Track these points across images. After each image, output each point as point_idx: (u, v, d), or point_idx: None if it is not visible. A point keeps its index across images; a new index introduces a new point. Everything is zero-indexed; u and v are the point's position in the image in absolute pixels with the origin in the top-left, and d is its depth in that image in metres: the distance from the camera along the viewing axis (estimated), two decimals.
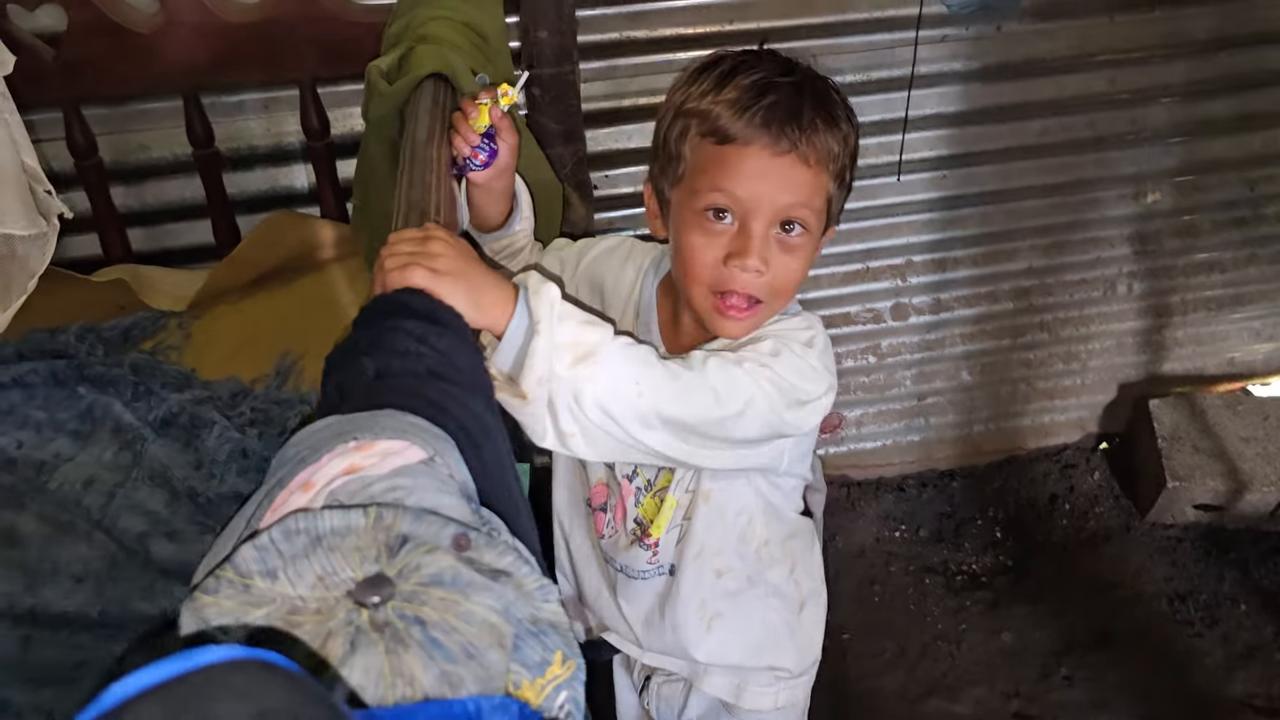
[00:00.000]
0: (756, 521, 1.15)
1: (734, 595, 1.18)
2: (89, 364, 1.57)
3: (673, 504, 1.14)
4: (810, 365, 1.00)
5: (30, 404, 1.53)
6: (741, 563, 1.17)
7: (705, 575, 1.16)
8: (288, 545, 0.49)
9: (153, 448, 1.45)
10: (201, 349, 1.64)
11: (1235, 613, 2.07)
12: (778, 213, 0.97)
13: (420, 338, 0.68)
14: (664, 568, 1.19)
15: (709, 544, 1.14)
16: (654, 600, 1.20)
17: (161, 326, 1.68)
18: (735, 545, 1.15)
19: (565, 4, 1.70)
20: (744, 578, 1.18)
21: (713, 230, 0.99)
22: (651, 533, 1.16)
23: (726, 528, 1.14)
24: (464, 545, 0.52)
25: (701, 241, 0.99)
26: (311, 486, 0.58)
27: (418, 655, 0.46)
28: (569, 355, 0.82)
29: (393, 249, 0.79)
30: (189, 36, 1.59)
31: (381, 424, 0.61)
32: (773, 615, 1.23)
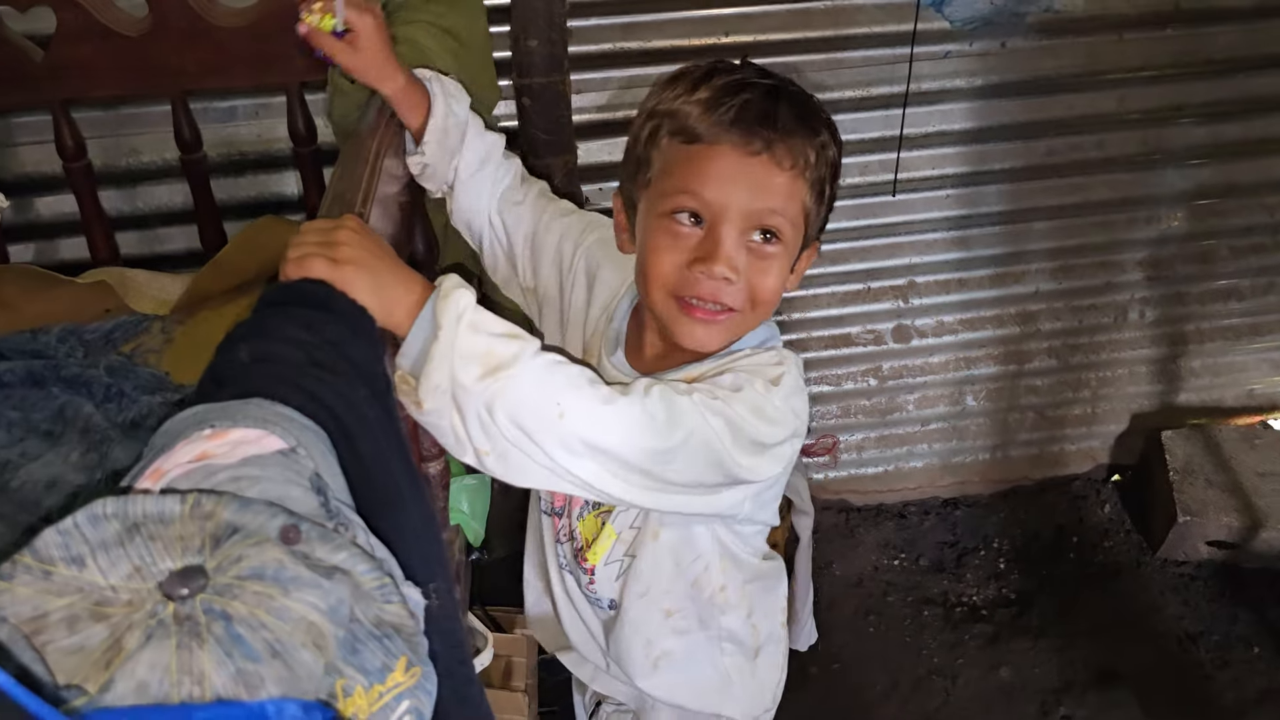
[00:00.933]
0: (713, 568, 1.09)
1: (683, 634, 1.12)
2: (66, 365, 1.56)
3: (611, 535, 1.08)
4: (773, 405, 0.91)
5: (5, 403, 1.52)
6: (693, 604, 1.11)
7: (652, 614, 1.10)
8: (94, 531, 0.46)
9: (117, 450, 1.43)
10: (182, 353, 1.63)
11: (1248, 655, 1.99)
12: (749, 217, 0.91)
13: (306, 325, 0.65)
14: (602, 601, 1.13)
15: (656, 584, 1.08)
16: (597, 627, 1.16)
17: (144, 330, 1.67)
18: (687, 589, 1.09)
19: (556, 13, 1.68)
20: (694, 618, 1.12)
21: (679, 233, 0.93)
22: (588, 558, 1.11)
23: (679, 571, 1.08)
24: (293, 539, 0.48)
25: (666, 243, 0.93)
26: (160, 474, 0.55)
27: (212, 652, 0.43)
28: (478, 367, 0.76)
29: (299, 238, 0.76)
30: (177, 40, 1.59)
31: (244, 412, 0.58)
32: (725, 659, 1.16)
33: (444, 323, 0.75)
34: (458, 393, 0.76)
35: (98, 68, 1.59)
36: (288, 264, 0.74)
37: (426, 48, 1.33)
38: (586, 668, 1.23)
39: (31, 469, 1.41)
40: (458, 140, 1.11)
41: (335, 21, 1.01)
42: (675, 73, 1.00)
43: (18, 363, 1.58)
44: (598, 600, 1.13)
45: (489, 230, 1.19)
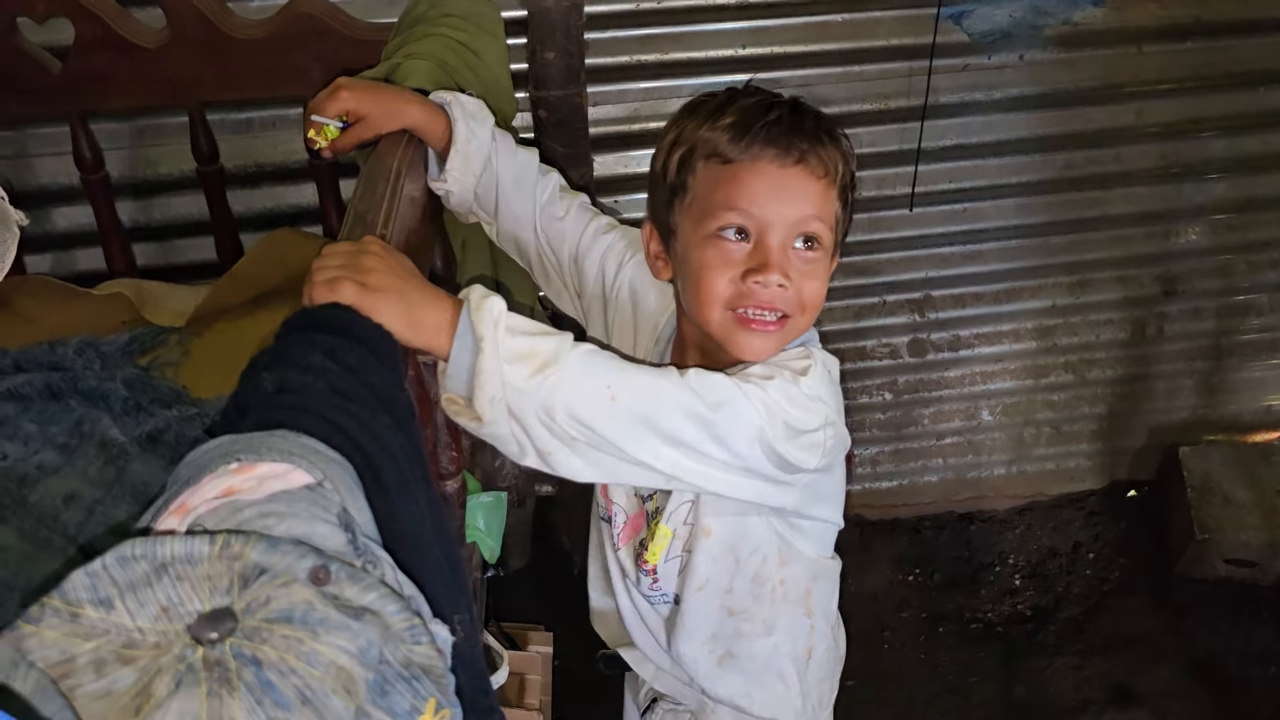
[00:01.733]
0: (771, 560, 1.09)
1: (746, 636, 1.13)
2: (84, 377, 1.56)
3: (667, 534, 1.09)
4: (803, 394, 0.94)
5: (24, 416, 1.52)
6: (755, 604, 1.11)
7: (713, 611, 1.10)
8: (122, 572, 0.46)
9: (135, 464, 1.43)
10: (199, 366, 1.63)
11: (1265, 675, 1.97)
12: (794, 225, 0.95)
13: (328, 352, 0.64)
14: (668, 596, 1.14)
15: (715, 579, 1.09)
16: (659, 626, 1.16)
17: (161, 342, 1.67)
18: (748, 586, 1.09)
19: (574, 26, 1.68)
20: (758, 620, 1.12)
21: (728, 250, 0.95)
22: (648, 559, 1.12)
23: (738, 565, 1.08)
24: (323, 579, 0.48)
25: (718, 261, 0.96)
26: (186, 509, 0.55)
27: (243, 700, 0.42)
28: (526, 367, 0.78)
29: (324, 261, 0.76)
30: (194, 52, 1.59)
31: (269, 445, 0.57)
32: (785, 664, 1.17)
33: (484, 333, 0.76)
34: (513, 398, 0.78)
35: (115, 79, 1.59)
36: (314, 288, 0.74)
37: (446, 63, 1.33)
38: (649, 666, 1.23)
39: (49, 482, 1.41)
40: (480, 164, 1.12)
41: (333, 125, 1.04)
42: (691, 103, 1.03)
43: (35, 375, 1.58)
44: (663, 596, 1.14)
45: (534, 247, 1.21)
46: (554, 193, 1.21)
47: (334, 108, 1.04)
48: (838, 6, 1.79)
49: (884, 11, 1.81)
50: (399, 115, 1.06)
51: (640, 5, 1.74)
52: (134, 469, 1.44)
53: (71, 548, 1.33)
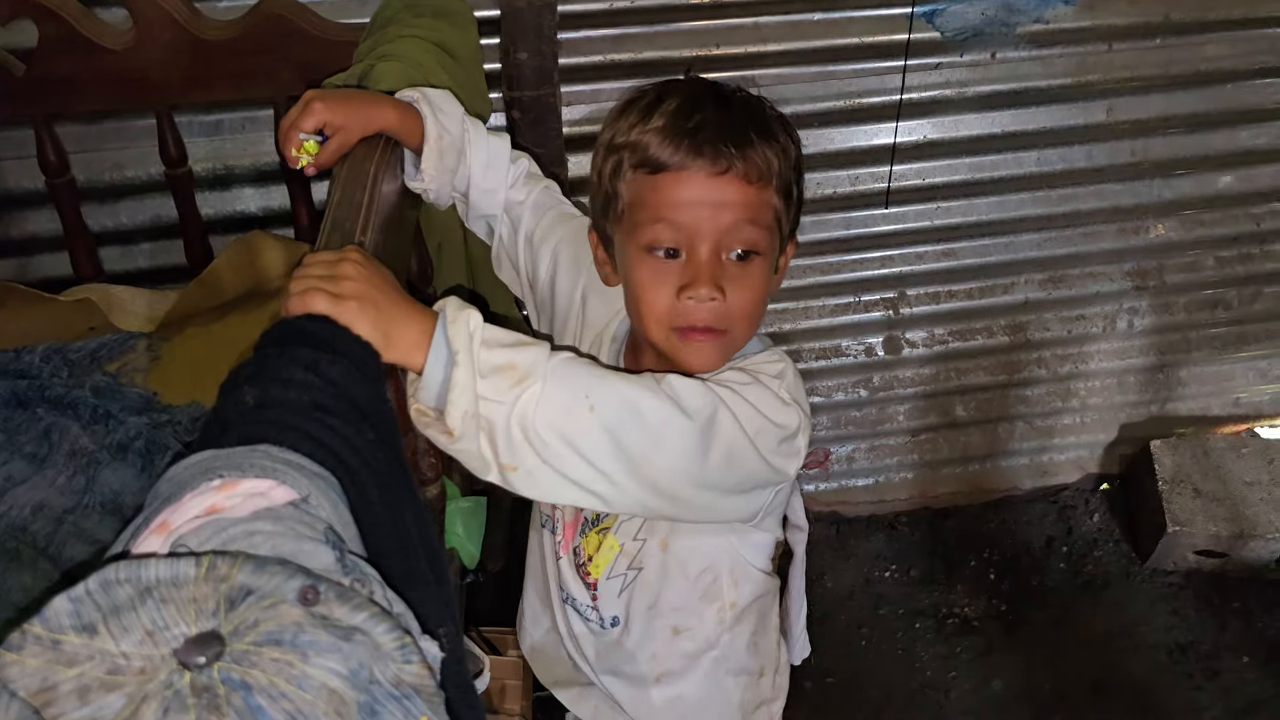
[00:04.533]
0: (723, 580, 1.08)
1: (689, 656, 1.12)
2: (51, 385, 1.54)
3: (614, 547, 1.07)
4: (780, 398, 0.93)
5: None
6: (701, 623, 1.10)
7: (660, 631, 1.09)
8: (106, 597, 0.45)
9: (105, 473, 1.41)
10: (168, 372, 1.61)
11: (1237, 665, 1.99)
12: (724, 234, 0.92)
13: (310, 365, 0.63)
14: (606, 620, 1.12)
15: (666, 598, 1.07)
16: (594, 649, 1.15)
17: (129, 348, 1.65)
18: (697, 605, 1.09)
19: (547, 25, 1.67)
20: (702, 638, 1.11)
21: (659, 268, 0.94)
22: (590, 571, 1.10)
23: (690, 584, 1.07)
24: (312, 599, 0.47)
25: (651, 278, 0.94)
26: (168, 528, 0.54)
27: None
28: (503, 380, 0.76)
29: (303, 271, 0.75)
30: (161, 53, 1.57)
31: (252, 461, 0.56)
32: (729, 681, 1.16)
33: (459, 347, 0.74)
34: (488, 411, 0.76)
35: (80, 81, 1.57)
36: (290, 299, 0.72)
37: (420, 63, 1.31)
38: (587, 705, 1.21)
39: (17, 493, 1.39)
40: (455, 157, 1.11)
41: (311, 140, 1.03)
42: (625, 101, 1.00)
43: (1, 383, 1.55)
44: (600, 620, 1.12)
45: (498, 229, 1.19)
46: (520, 178, 1.20)
47: (310, 122, 1.02)
48: (811, 5, 1.79)
49: (857, 11, 1.81)
50: (374, 119, 1.05)
51: (614, 4, 1.73)
52: (104, 478, 1.42)
53: (41, 559, 1.31)
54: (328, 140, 1.03)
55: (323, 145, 1.02)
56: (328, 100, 1.03)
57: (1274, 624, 2.06)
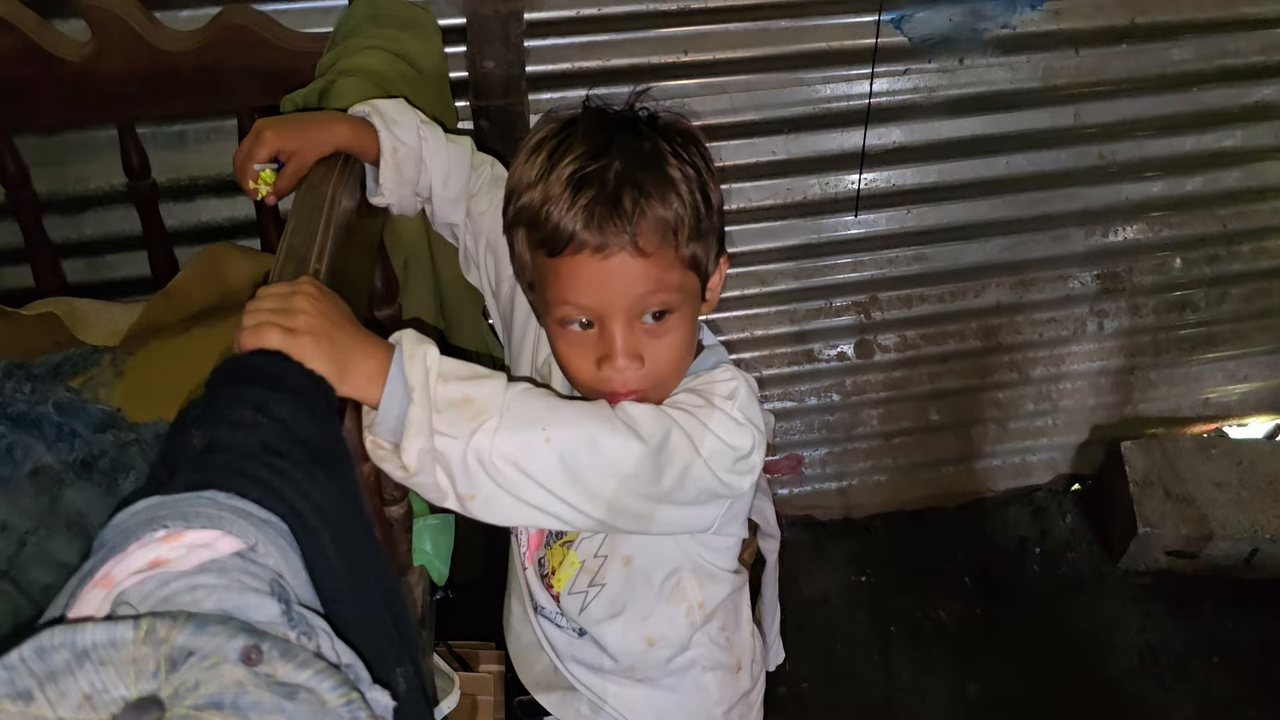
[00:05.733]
0: (687, 582, 1.08)
1: (666, 662, 1.12)
2: (12, 402, 1.51)
3: (575, 563, 1.07)
4: (734, 414, 0.93)
5: None
6: (671, 628, 1.10)
7: (632, 642, 1.09)
8: (41, 663, 0.44)
9: (70, 493, 1.39)
10: (133, 387, 1.59)
11: (1208, 665, 2.02)
12: (632, 307, 0.91)
13: (259, 405, 0.62)
14: (574, 628, 1.13)
15: (632, 608, 1.08)
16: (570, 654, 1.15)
17: (93, 363, 1.62)
18: (666, 609, 1.09)
19: (514, 33, 1.66)
20: (676, 643, 1.11)
21: (576, 339, 0.94)
22: (553, 584, 1.10)
23: (656, 591, 1.07)
24: (255, 659, 0.46)
25: (569, 351, 0.94)
26: (111, 582, 0.53)
27: None
28: (458, 415, 0.76)
29: (255, 304, 0.73)
30: (122, 65, 1.54)
31: (197, 510, 0.55)
32: (707, 678, 1.17)
33: (415, 384, 0.74)
34: (443, 446, 0.75)
35: (39, 94, 1.54)
36: (242, 333, 0.71)
37: (382, 74, 1.30)
38: (569, 709, 1.21)
39: None
40: (414, 167, 1.10)
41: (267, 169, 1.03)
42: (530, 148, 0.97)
43: None
44: (572, 628, 1.12)
45: (462, 236, 1.19)
46: (484, 185, 1.19)
47: (263, 152, 1.00)
48: (779, 12, 1.78)
49: (825, 18, 1.81)
50: (328, 139, 1.03)
51: (580, 12, 1.72)
52: (68, 497, 1.40)
53: (3, 581, 1.29)
54: (284, 167, 1.01)
55: (279, 172, 1.01)
56: (277, 127, 1.01)
57: (1243, 624, 2.08)
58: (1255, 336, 2.32)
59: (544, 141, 0.95)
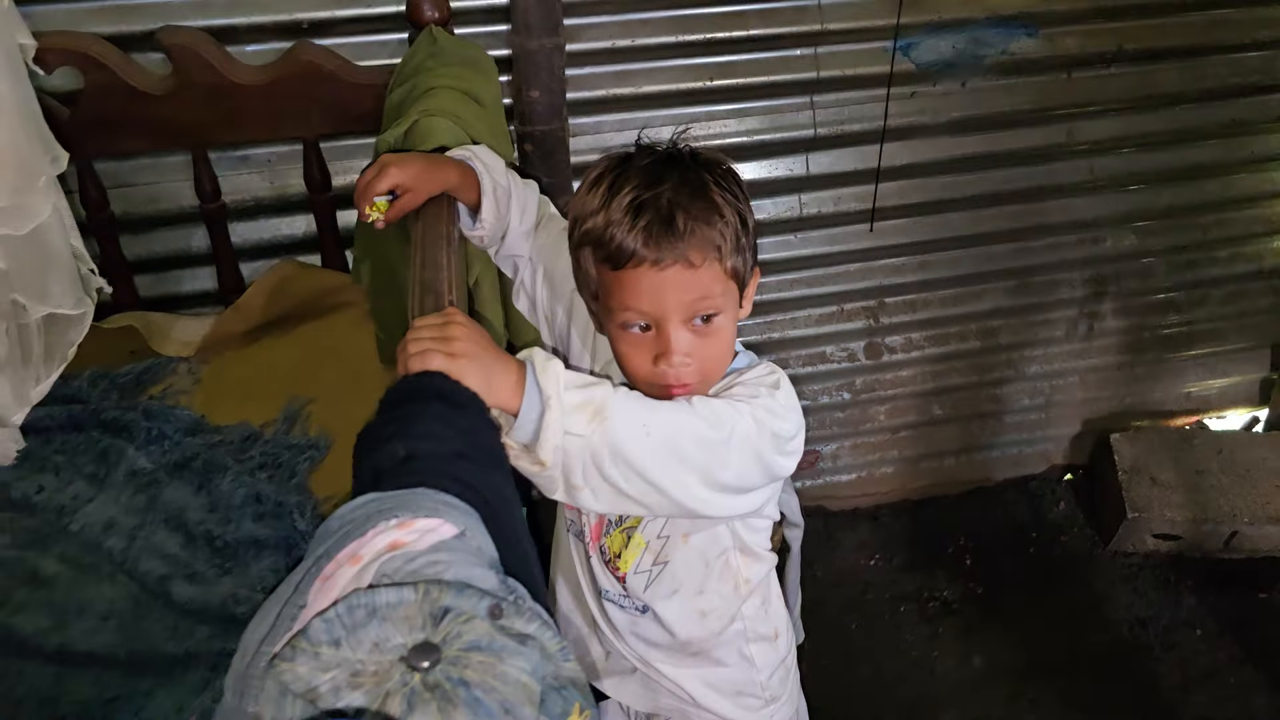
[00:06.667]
0: (734, 561, 1.23)
1: (716, 634, 1.27)
2: (103, 409, 1.64)
3: (641, 544, 1.21)
4: (780, 403, 1.07)
5: (48, 448, 1.60)
6: (723, 602, 1.25)
7: (688, 614, 1.24)
8: (350, 618, 0.58)
9: (167, 491, 1.52)
10: (210, 394, 1.72)
11: (1191, 637, 2.18)
12: (684, 310, 1.05)
13: (445, 420, 0.77)
14: (638, 605, 1.27)
15: (688, 584, 1.22)
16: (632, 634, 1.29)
17: (171, 371, 1.75)
18: (717, 586, 1.23)
19: (556, 65, 1.80)
20: (726, 616, 1.26)
21: (636, 340, 1.07)
22: (620, 566, 1.24)
23: (708, 569, 1.22)
24: (498, 614, 0.61)
25: (630, 351, 1.08)
26: (359, 560, 0.67)
27: (465, 713, 0.55)
28: (583, 416, 0.90)
29: (415, 334, 0.87)
30: (199, 98, 1.66)
31: (418, 503, 0.69)
32: (753, 649, 1.32)
33: (550, 391, 0.88)
34: (570, 444, 0.89)
35: (123, 125, 1.66)
36: (410, 358, 0.85)
37: (460, 116, 1.44)
38: (627, 690, 1.36)
39: (87, 511, 1.50)
40: (505, 206, 1.24)
41: (383, 200, 1.15)
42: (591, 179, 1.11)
43: (55, 408, 1.64)
44: (634, 606, 1.26)
45: (522, 269, 1.32)
46: (544, 221, 1.32)
47: (384, 185, 1.14)
48: (796, 42, 1.93)
49: (838, 46, 1.96)
50: (438, 180, 1.17)
51: (615, 43, 1.86)
52: (166, 496, 1.53)
53: (119, 573, 1.42)
54: (397, 199, 1.15)
55: (392, 204, 1.15)
56: (399, 165, 1.15)
57: (1224, 600, 2.25)
58: (1233, 335, 2.49)
59: (603, 175, 1.10)
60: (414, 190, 1.15)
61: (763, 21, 1.90)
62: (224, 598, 1.35)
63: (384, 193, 1.14)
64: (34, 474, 1.55)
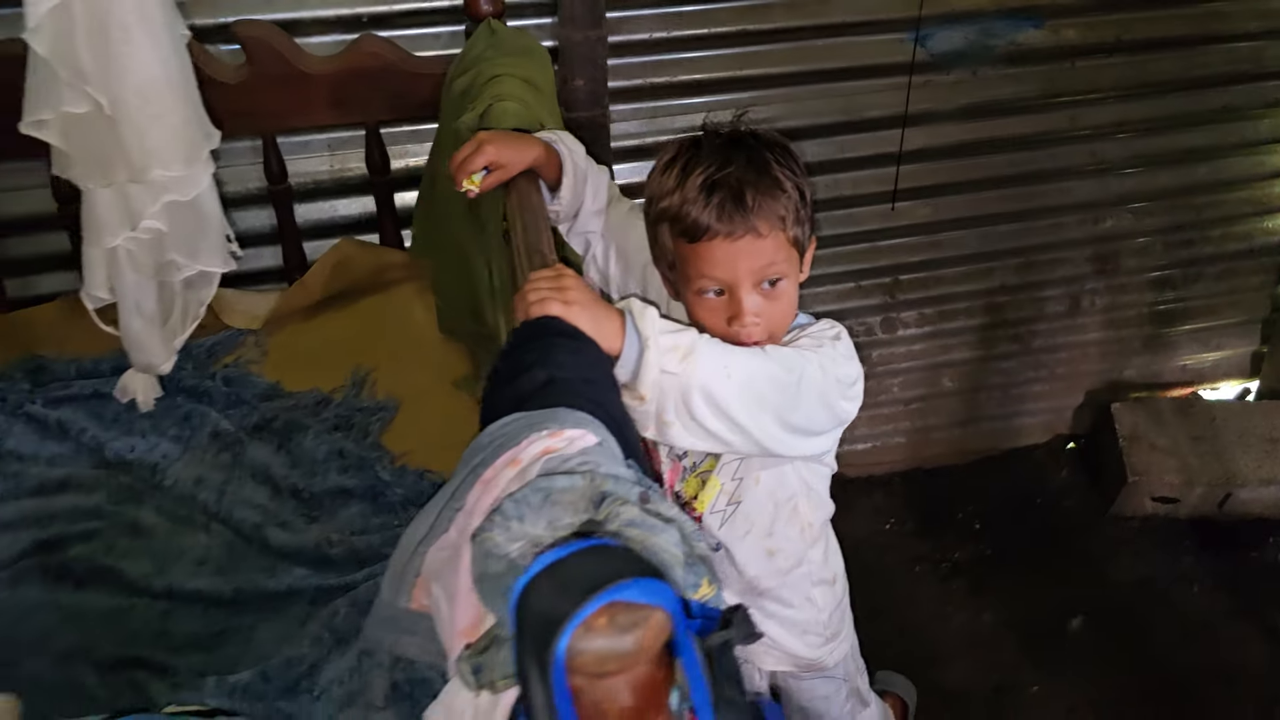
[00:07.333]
0: (801, 505, 1.36)
1: (783, 573, 1.40)
2: (181, 377, 1.76)
3: (716, 486, 1.34)
4: (843, 354, 1.21)
5: (131, 413, 1.72)
6: (789, 544, 1.37)
7: (757, 553, 1.37)
8: (532, 498, 0.71)
9: (250, 450, 1.65)
10: (278, 363, 1.84)
11: (1189, 593, 2.33)
12: (754, 276, 1.17)
13: (572, 351, 0.90)
14: (712, 545, 1.40)
15: (759, 524, 1.35)
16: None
17: (240, 343, 1.87)
18: (785, 529, 1.36)
19: (599, 55, 1.92)
20: (792, 557, 1.39)
21: (711, 304, 1.20)
22: (696, 507, 1.37)
23: (777, 510, 1.34)
24: (646, 500, 0.74)
25: (706, 314, 1.20)
26: (518, 463, 0.80)
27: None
28: (675, 356, 1.03)
29: (533, 285, 1.00)
30: (271, 86, 1.77)
31: (561, 419, 0.82)
32: (816, 592, 1.45)
33: (649, 334, 1.01)
34: (665, 381, 1.02)
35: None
36: (529, 306, 0.98)
37: (528, 101, 1.56)
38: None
39: (177, 469, 1.63)
40: (582, 185, 1.36)
41: (478, 175, 1.27)
42: (666, 160, 1.23)
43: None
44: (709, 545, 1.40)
45: (595, 245, 1.44)
46: (613, 201, 1.45)
47: (481, 161, 1.26)
48: (819, 33, 2.06)
49: (856, 36, 2.09)
50: (525, 157, 1.30)
51: (653, 35, 1.99)
52: (249, 454, 1.65)
53: (213, 522, 1.54)
54: (490, 173, 1.28)
55: (485, 178, 1.27)
56: (496, 142, 1.27)
57: (1217, 558, 2.40)
58: (1225, 311, 2.64)
59: (677, 158, 1.23)
60: (507, 166, 1.28)
61: (788, 15, 2.03)
62: (317, 541, 1.47)
63: (480, 168, 1.26)
64: (124, 436, 1.67)
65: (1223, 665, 2.18)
